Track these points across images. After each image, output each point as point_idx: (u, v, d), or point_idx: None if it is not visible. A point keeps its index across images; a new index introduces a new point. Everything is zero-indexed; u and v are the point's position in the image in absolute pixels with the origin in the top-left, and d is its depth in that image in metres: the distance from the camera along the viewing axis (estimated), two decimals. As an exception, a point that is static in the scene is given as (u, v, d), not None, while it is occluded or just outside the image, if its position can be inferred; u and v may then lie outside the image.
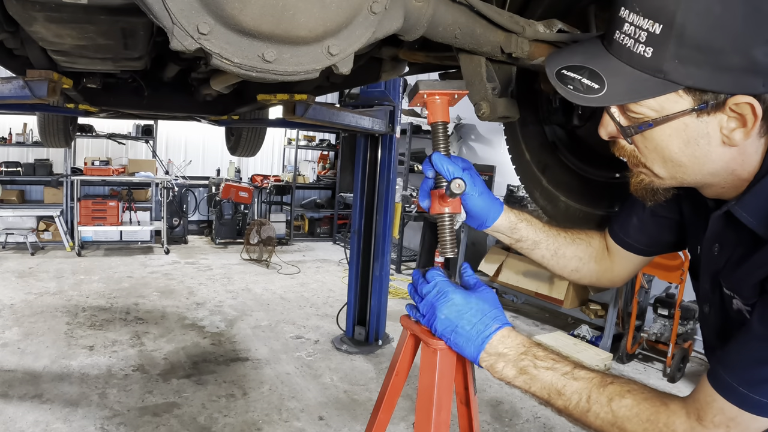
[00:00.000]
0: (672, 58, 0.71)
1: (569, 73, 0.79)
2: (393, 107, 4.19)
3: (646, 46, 0.72)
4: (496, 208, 1.05)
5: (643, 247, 1.10)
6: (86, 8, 1.03)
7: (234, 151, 4.65)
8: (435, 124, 1.01)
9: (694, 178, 0.81)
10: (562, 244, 1.12)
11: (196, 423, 3.10)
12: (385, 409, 1.06)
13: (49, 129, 4.01)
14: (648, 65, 0.73)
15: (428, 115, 1.02)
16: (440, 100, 0.99)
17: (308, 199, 9.19)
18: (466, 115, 7.23)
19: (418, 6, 0.94)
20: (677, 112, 0.75)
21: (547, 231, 1.12)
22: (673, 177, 0.82)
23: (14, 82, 1.97)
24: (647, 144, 0.80)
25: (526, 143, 1.60)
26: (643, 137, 0.80)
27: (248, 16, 0.73)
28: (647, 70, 0.73)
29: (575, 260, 1.13)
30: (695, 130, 0.75)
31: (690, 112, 0.74)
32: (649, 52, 0.72)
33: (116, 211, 7.13)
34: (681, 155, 0.78)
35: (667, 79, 0.72)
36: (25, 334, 4.23)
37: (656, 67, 0.72)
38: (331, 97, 7.63)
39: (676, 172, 0.81)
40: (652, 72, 0.73)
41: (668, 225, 1.05)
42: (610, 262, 1.14)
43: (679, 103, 0.74)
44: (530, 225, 1.10)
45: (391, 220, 4.44)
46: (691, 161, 0.78)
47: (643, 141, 0.80)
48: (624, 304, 4.54)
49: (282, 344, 4.39)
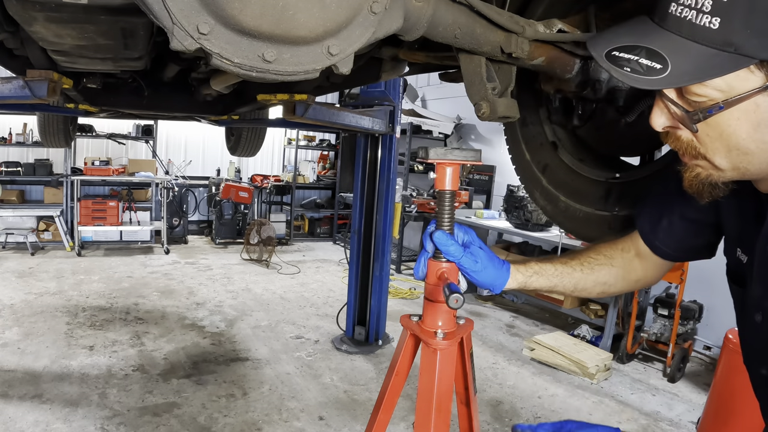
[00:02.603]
0: (743, 29, 0.62)
1: (623, 54, 0.69)
2: (393, 107, 4.19)
3: (711, 16, 0.63)
4: (502, 275, 1.02)
5: (672, 251, 1.03)
6: (86, 8, 1.03)
7: (234, 151, 4.65)
8: (442, 194, 0.98)
9: (759, 168, 0.72)
10: (579, 279, 1.07)
11: (196, 423, 3.10)
12: (385, 409, 1.06)
13: (49, 129, 4.01)
14: (715, 39, 0.63)
15: (436, 181, 0.99)
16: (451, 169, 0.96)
17: (308, 199, 9.19)
18: (466, 115, 7.23)
19: (418, 6, 0.94)
20: (749, 91, 0.65)
21: (561, 273, 1.07)
22: (736, 167, 0.72)
23: (14, 82, 1.97)
24: (710, 132, 0.70)
25: (526, 143, 1.60)
26: (707, 124, 0.70)
27: (248, 16, 0.73)
28: (715, 45, 0.64)
29: (599, 286, 1.08)
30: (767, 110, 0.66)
31: (763, 90, 0.65)
32: (716, 23, 0.63)
33: (116, 211, 7.13)
34: (749, 141, 0.68)
35: (738, 53, 0.63)
36: (25, 334, 4.23)
37: (725, 40, 0.63)
38: (331, 97, 7.63)
39: (741, 162, 0.71)
40: (721, 46, 0.63)
41: (699, 229, 0.97)
42: (641, 271, 1.07)
43: (750, 81, 0.65)
44: (541, 276, 1.06)
45: (391, 220, 4.44)
46: (760, 148, 0.69)
47: (705, 128, 0.71)
48: (624, 304, 4.54)
49: (282, 344, 4.38)
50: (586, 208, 1.45)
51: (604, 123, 1.42)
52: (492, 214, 6.23)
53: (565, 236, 4.94)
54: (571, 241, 4.83)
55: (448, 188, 0.98)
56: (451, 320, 1.02)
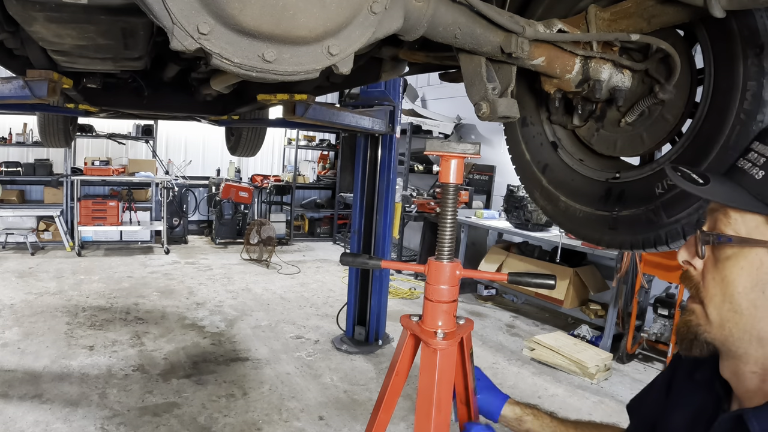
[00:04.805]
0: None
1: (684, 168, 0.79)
2: (393, 107, 4.19)
3: (760, 169, 0.72)
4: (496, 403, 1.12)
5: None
6: (86, 8, 1.03)
7: (234, 151, 4.65)
8: (446, 187, 0.99)
9: (740, 336, 0.73)
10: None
11: (196, 423, 3.10)
12: (385, 409, 1.06)
13: (49, 129, 4.01)
14: (753, 185, 0.72)
15: (440, 174, 1.00)
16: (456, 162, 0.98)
17: (308, 199, 9.19)
18: (466, 115, 7.23)
19: (418, 6, 0.94)
20: (759, 239, 0.71)
21: (555, 428, 1.10)
22: (722, 326, 0.74)
23: (14, 82, 1.97)
24: (715, 275, 0.75)
25: (526, 143, 1.60)
26: (716, 266, 0.75)
27: (248, 16, 0.73)
28: (751, 190, 0.72)
29: None
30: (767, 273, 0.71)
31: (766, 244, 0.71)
32: (760, 175, 0.71)
33: (116, 211, 7.13)
34: (743, 297, 0.72)
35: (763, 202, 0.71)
36: (25, 334, 4.23)
37: (760, 190, 0.71)
38: (331, 97, 7.62)
39: (729, 320, 0.74)
40: (755, 193, 0.72)
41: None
42: None
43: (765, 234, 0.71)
44: (537, 419, 1.11)
45: (391, 220, 4.44)
46: (750, 310, 0.71)
47: (712, 269, 0.76)
48: (624, 304, 4.54)
49: (282, 344, 4.38)
50: (586, 208, 1.45)
51: (604, 123, 1.42)
52: (492, 214, 6.23)
53: (565, 236, 4.94)
54: (571, 241, 4.83)
55: (452, 182, 0.98)
56: (451, 320, 1.02)
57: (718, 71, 1.13)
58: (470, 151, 0.96)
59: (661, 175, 1.24)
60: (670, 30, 1.20)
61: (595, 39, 1.20)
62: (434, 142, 0.96)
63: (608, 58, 1.23)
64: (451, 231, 1.01)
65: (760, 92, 1.05)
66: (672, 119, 1.25)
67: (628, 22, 1.18)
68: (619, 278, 4.42)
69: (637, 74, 1.28)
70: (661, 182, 1.23)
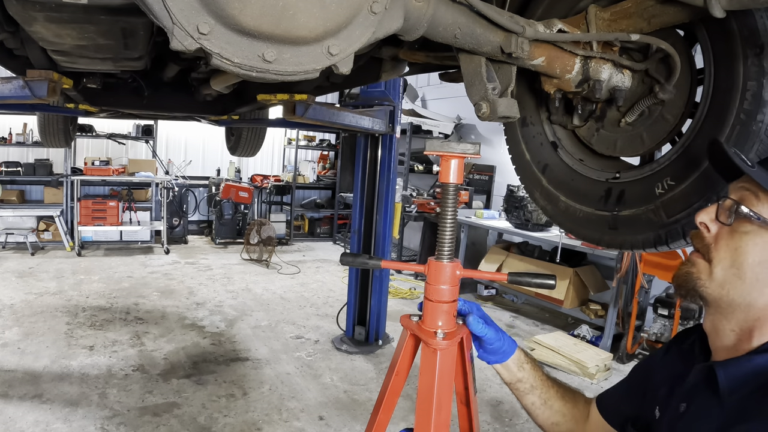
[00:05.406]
0: None
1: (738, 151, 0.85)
2: (393, 107, 4.19)
3: None
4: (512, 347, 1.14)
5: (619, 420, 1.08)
6: (86, 8, 1.03)
7: (234, 151, 4.65)
8: (446, 187, 1.00)
9: (734, 299, 0.81)
10: (552, 396, 1.16)
11: (196, 423, 3.10)
12: (385, 409, 1.06)
13: (49, 129, 4.01)
14: None
15: (440, 174, 1.01)
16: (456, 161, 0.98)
17: (308, 199, 9.19)
18: (466, 115, 7.23)
19: (418, 6, 0.94)
20: None
21: (543, 380, 1.16)
22: (722, 286, 0.81)
23: (14, 82, 1.97)
24: (730, 242, 0.81)
25: (526, 143, 1.60)
26: (731, 235, 0.81)
27: (248, 16, 0.73)
28: None
29: (559, 415, 1.16)
30: None
31: None
32: None
33: (116, 211, 7.13)
34: (749, 269, 0.79)
35: None
36: (25, 334, 4.23)
37: None
38: (331, 97, 7.62)
39: (730, 283, 0.80)
40: None
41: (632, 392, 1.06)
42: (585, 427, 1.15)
43: None
44: (534, 369, 1.16)
45: (391, 220, 4.44)
46: (752, 280, 0.78)
47: (727, 237, 0.81)
48: (624, 304, 4.54)
49: (282, 344, 4.38)
50: (586, 208, 1.45)
51: (604, 123, 1.42)
52: (492, 214, 6.23)
53: (565, 236, 4.94)
54: (571, 241, 4.83)
55: (452, 181, 0.98)
56: (451, 320, 1.02)
57: (718, 71, 1.13)
58: (470, 151, 0.96)
59: (662, 175, 1.24)
60: (670, 30, 1.20)
61: (595, 39, 1.20)
62: (434, 142, 0.96)
63: (608, 58, 1.23)
64: (451, 231, 1.01)
65: (760, 92, 1.05)
66: (672, 119, 1.25)
67: (628, 22, 1.18)
68: (619, 278, 4.42)
69: (637, 74, 1.28)
70: (661, 182, 1.23)
